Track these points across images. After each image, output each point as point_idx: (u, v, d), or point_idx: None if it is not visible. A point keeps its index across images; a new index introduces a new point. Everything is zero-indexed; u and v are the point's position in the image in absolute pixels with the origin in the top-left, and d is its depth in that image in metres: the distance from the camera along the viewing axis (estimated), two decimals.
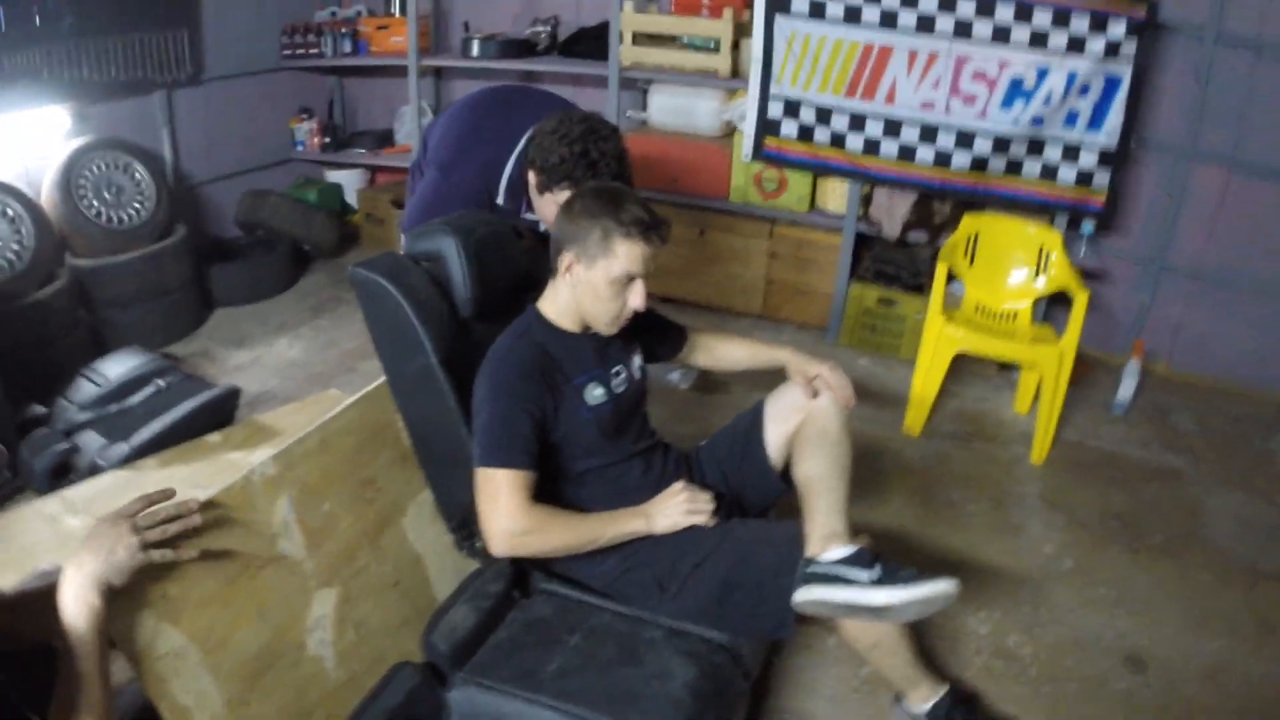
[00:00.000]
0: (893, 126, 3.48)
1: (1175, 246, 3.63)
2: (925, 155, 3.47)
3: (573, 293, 1.76)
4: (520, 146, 2.38)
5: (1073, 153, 3.33)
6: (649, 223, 1.67)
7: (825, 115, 3.57)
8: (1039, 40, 3.17)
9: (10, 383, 2.75)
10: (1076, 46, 3.14)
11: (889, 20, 3.32)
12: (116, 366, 2.98)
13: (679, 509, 1.72)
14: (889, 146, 3.52)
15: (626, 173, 2.19)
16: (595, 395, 1.78)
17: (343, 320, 3.95)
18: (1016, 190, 3.45)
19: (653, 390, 2.01)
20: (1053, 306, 3.56)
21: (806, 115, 3.60)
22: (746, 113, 3.72)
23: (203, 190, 4.35)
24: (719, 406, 3.27)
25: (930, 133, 3.43)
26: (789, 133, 3.67)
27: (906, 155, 3.50)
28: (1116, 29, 3.09)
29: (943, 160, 3.45)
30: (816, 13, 3.41)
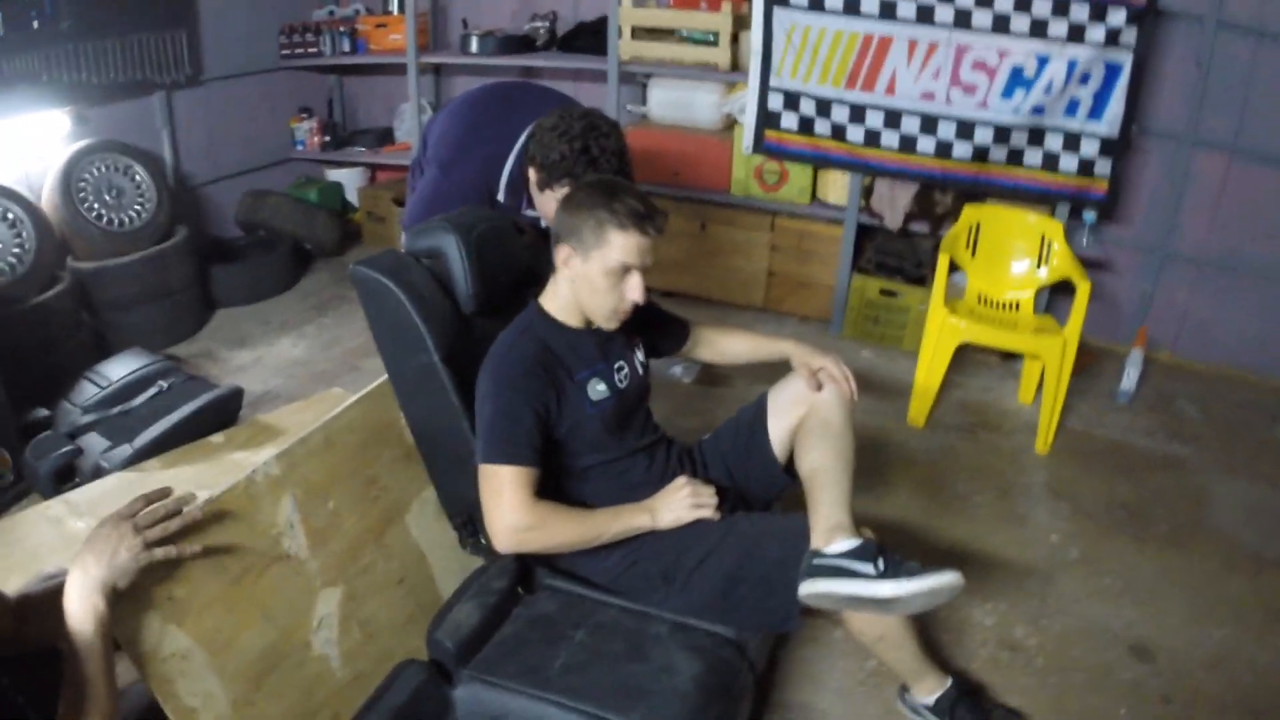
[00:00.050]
0: (893, 117, 3.47)
1: (1178, 234, 3.62)
2: (926, 146, 3.46)
3: (572, 286, 1.76)
4: (520, 143, 2.38)
5: (1074, 141, 3.32)
6: (643, 213, 1.67)
7: (825, 107, 3.56)
8: (1039, 29, 3.16)
9: (13, 386, 2.75)
10: (1077, 35, 3.13)
11: (888, 11, 3.31)
12: (119, 368, 2.98)
13: (683, 503, 1.72)
14: (890, 138, 3.51)
15: (627, 168, 2.18)
16: (598, 390, 1.78)
17: (345, 319, 3.95)
18: (1018, 180, 3.44)
19: (655, 384, 2.01)
20: (1056, 296, 3.54)
21: (807, 107, 3.59)
22: (746, 105, 3.71)
23: (203, 191, 4.35)
24: (722, 400, 3.27)
25: (931, 123, 3.42)
26: (789, 125, 3.66)
27: (907, 146, 3.49)
28: (1116, 17, 3.07)
29: (944, 151, 3.44)
30: (815, 4, 3.40)
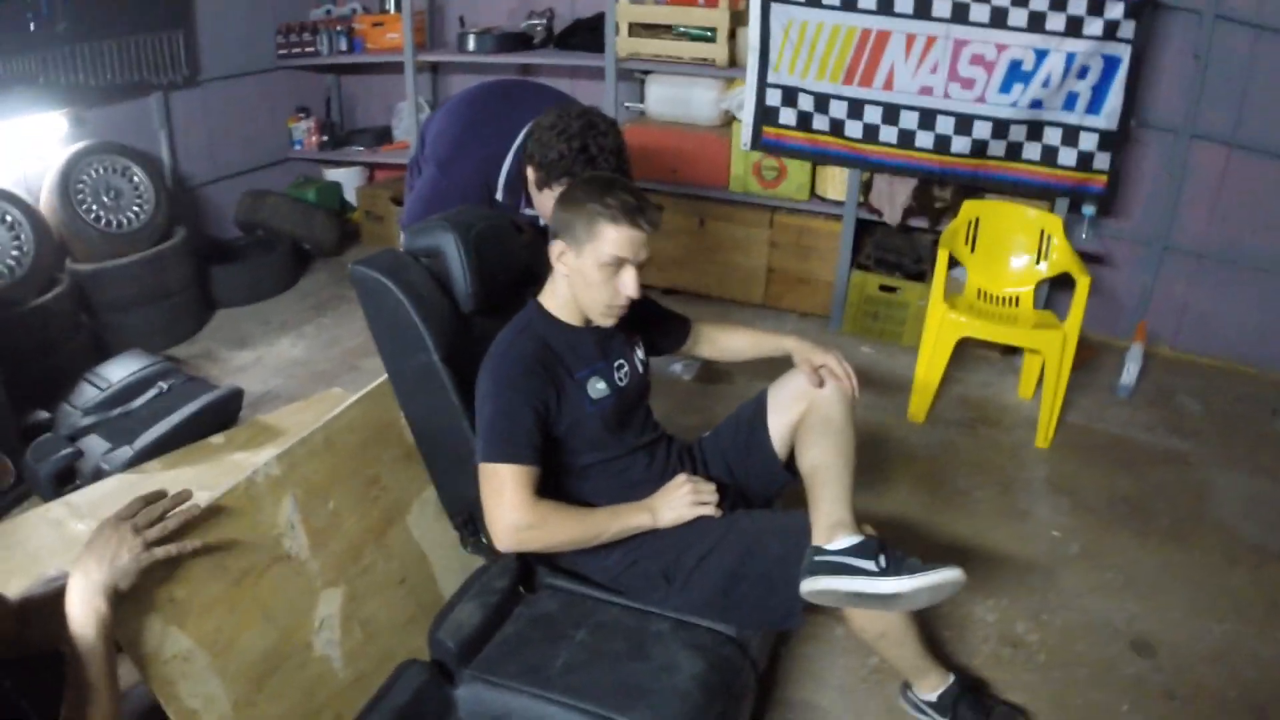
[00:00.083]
0: (891, 112, 3.46)
1: (1177, 227, 3.61)
2: (925, 141, 3.46)
3: (567, 283, 1.76)
4: (518, 142, 2.38)
5: (1072, 135, 3.31)
6: (636, 206, 1.67)
7: (823, 102, 3.55)
8: (1037, 22, 3.15)
9: (13, 388, 2.75)
10: (1074, 28, 3.12)
11: (885, 5, 3.30)
12: (119, 370, 2.98)
13: (684, 501, 1.72)
14: (888, 133, 3.50)
15: (625, 167, 2.18)
16: (598, 389, 1.77)
17: (344, 318, 3.94)
18: (1017, 174, 3.43)
19: (655, 382, 2.01)
20: (1055, 290, 3.54)
21: (805, 103, 3.59)
22: (744, 101, 3.71)
23: (201, 192, 4.35)
24: (722, 397, 3.27)
25: (929, 118, 3.42)
26: (787, 121, 3.65)
27: (906, 141, 3.49)
28: (1114, 10, 3.07)
29: (942, 145, 3.44)
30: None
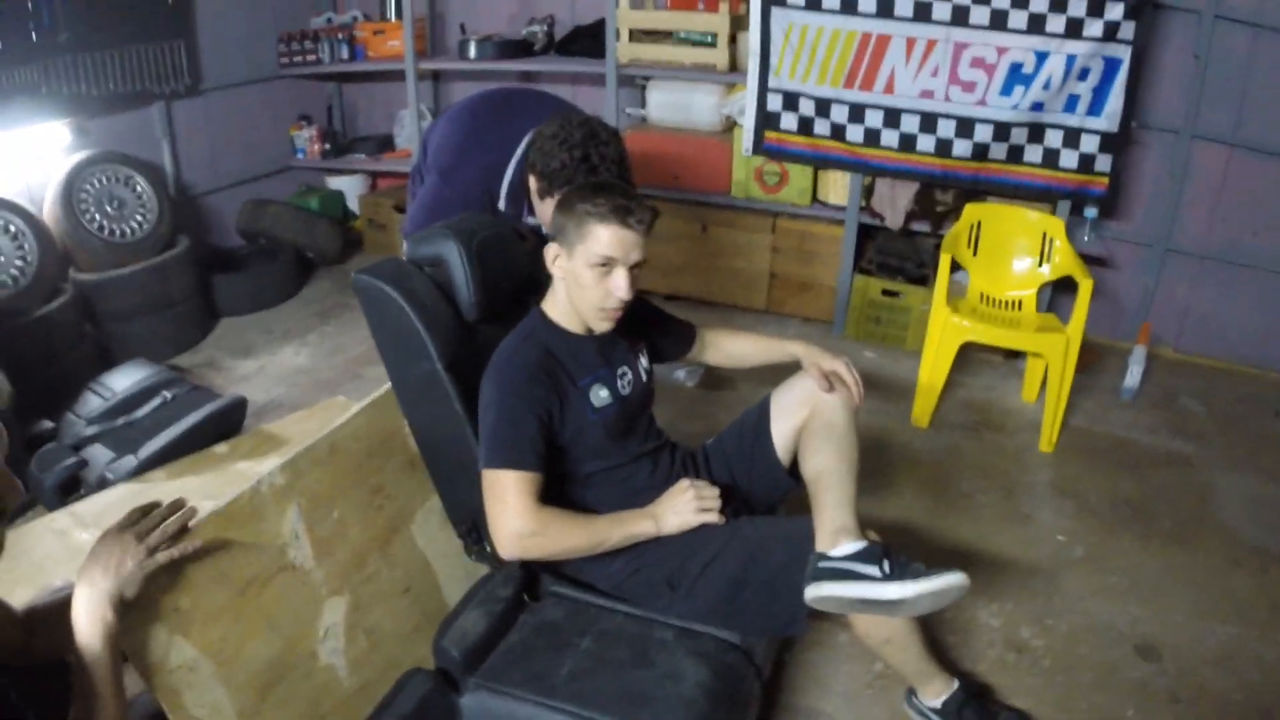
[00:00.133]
0: (892, 116, 3.46)
1: (1179, 228, 3.61)
2: (926, 144, 3.46)
3: (564, 286, 1.76)
4: (520, 151, 2.38)
5: (1074, 137, 3.31)
6: (626, 207, 1.67)
7: (824, 107, 3.56)
8: (1037, 25, 3.15)
9: (17, 398, 2.73)
10: (1075, 30, 3.12)
11: (886, 9, 3.30)
12: (123, 379, 2.99)
13: (688, 507, 1.71)
14: (889, 137, 3.50)
15: (627, 175, 2.19)
16: (601, 397, 1.77)
17: (348, 326, 3.95)
18: (1018, 177, 3.43)
19: (658, 389, 2.01)
20: (1058, 293, 3.54)
21: (806, 107, 3.59)
22: (746, 107, 3.71)
23: (204, 201, 4.36)
24: (726, 403, 3.27)
25: (930, 121, 3.42)
26: (789, 126, 3.66)
27: (907, 145, 3.49)
28: (1114, 11, 3.06)
29: (944, 149, 3.44)
30: (813, 3, 3.40)
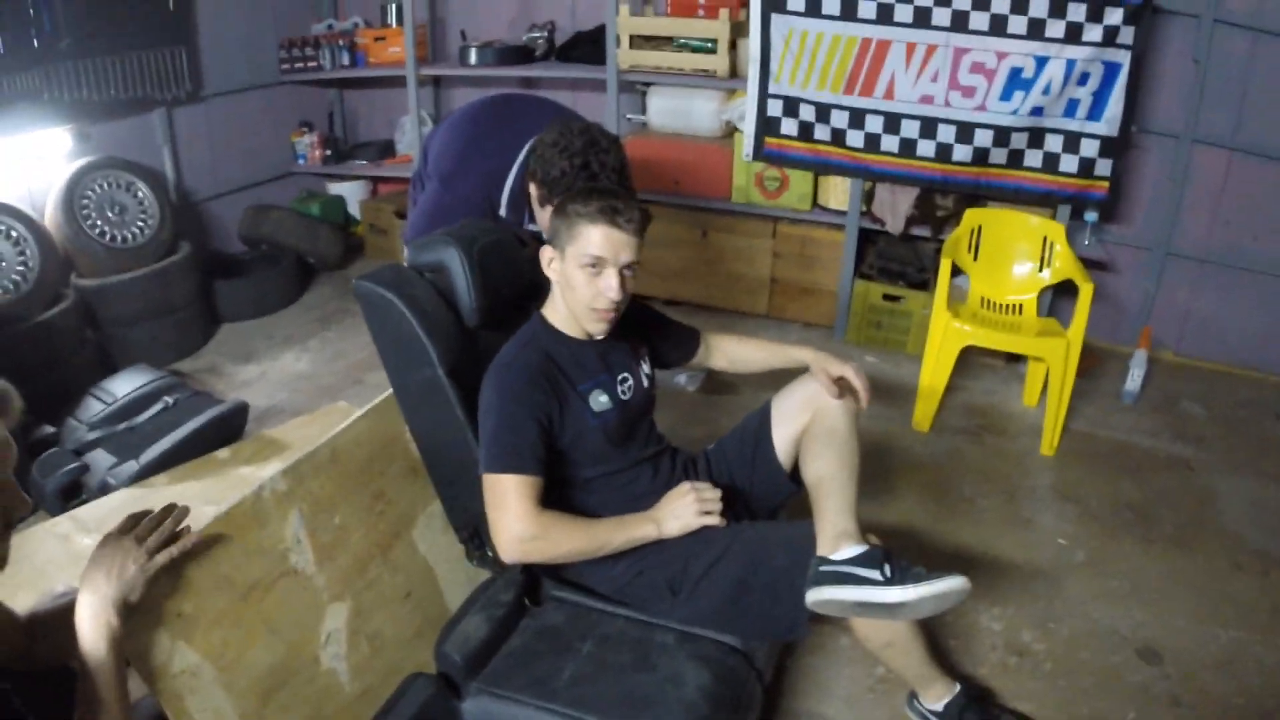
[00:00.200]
0: (892, 121, 3.47)
1: (1179, 231, 3.61)
2: (926, 149, 3.47)
3: (559, 290, 1.77)
4: (521, 158, 2.39)
5: (1074, 142, 3.31)
6: (616, 208, 1.68)
7: (825, 112, 3.56)
8: (1036, 30, 3.16)
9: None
10: (1074, 35, 3.13)
11: (885, 14, 3.31)
12: (124, 385, 2.99)
13: (689, 509, 1.71)
14: (889, 142, 3.51)
15: (628, 183, 2.19)
16: (600, 402, 1.77)
17: (349, 332, 3.96)
18: (1019, 181, 3.44)
19: (660, 394, 2.01)
20: (1059, 297, 3.54)
21: (806, 113, 3.60)
22: (746, 112, 3.72)
23: (206, 206, 4.37)
24: (727, 408, 3.27)
25: (930, 127, 3.43)
26: (789, 131, 3.66)
27: (907, 150, 3.49)
28: (1113, 16, 3.07)
29: (944, 154, 3.44)
30: (813, 9, 3.41)
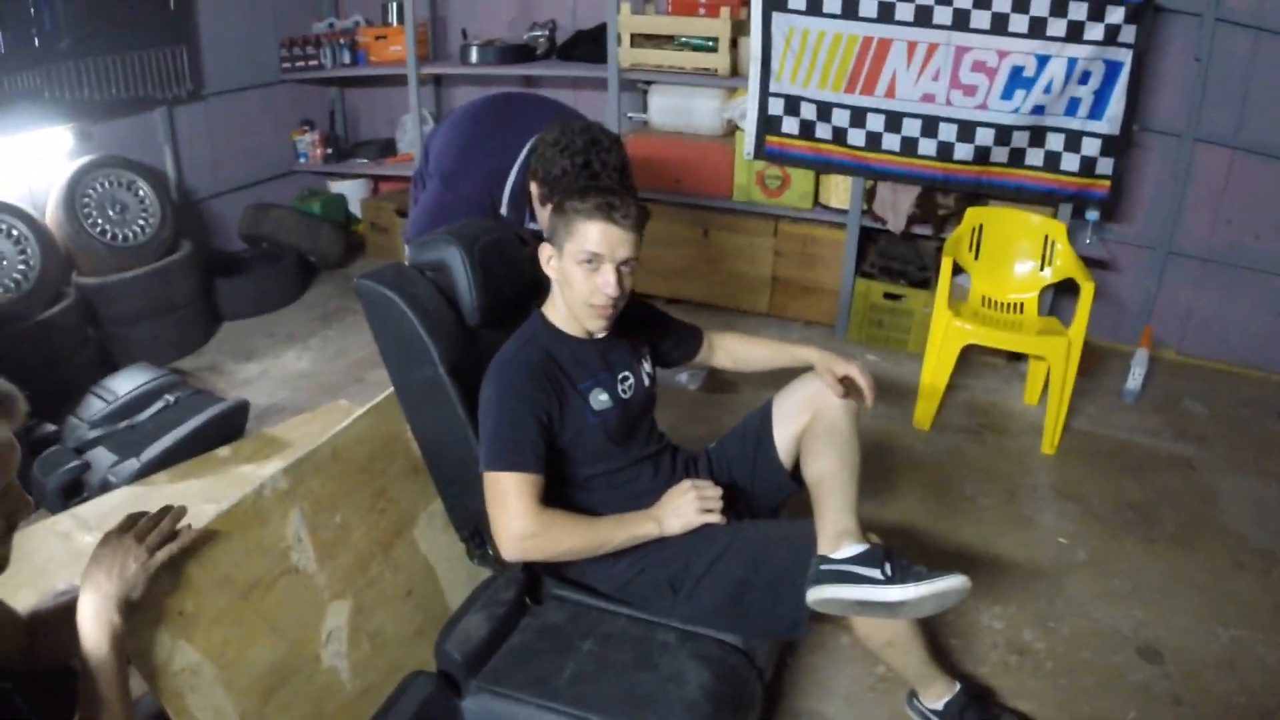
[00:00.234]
0: (894, 120, 3.47)
1: (1181, 230, 3.61)
2: (927, 148, 3.46)
3: (558, 288, 1.77)
4: (522, 157, 2.39)
5: (1075, 141, 3.31)
6: (612, 204, 1.68)
7: (826, 111, 3.56)
8: (1038, 28, 3.15)
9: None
10: (1076, 34, 3.12)
11: (886, 13, 3.31)
12: (125, 383, 2.99)
13: (690, 507, 1.70)
14: (891, 140, 3.51)
15: (629, 182, 2.19)
16: (600, 400, 1.77)
17: (350, 330, 3.96)
18: (1020, 180, 3.43)
19: (661, 392, 2.01)
20: (1060, 296, 3.54)
21: (807, 111, 3.60)
22: (747, 111, 3.72)
23: (207, 205, 4.37)
24: (728, 407, 3.27)
25: (932, 125, 3.42)
26: (790, 130, 3.66)
27: (909, 149, 3.49)
28: (1115, 15, 3.07)
29: (945, 152, 3.44)
30: (814, 8, 3.40)
